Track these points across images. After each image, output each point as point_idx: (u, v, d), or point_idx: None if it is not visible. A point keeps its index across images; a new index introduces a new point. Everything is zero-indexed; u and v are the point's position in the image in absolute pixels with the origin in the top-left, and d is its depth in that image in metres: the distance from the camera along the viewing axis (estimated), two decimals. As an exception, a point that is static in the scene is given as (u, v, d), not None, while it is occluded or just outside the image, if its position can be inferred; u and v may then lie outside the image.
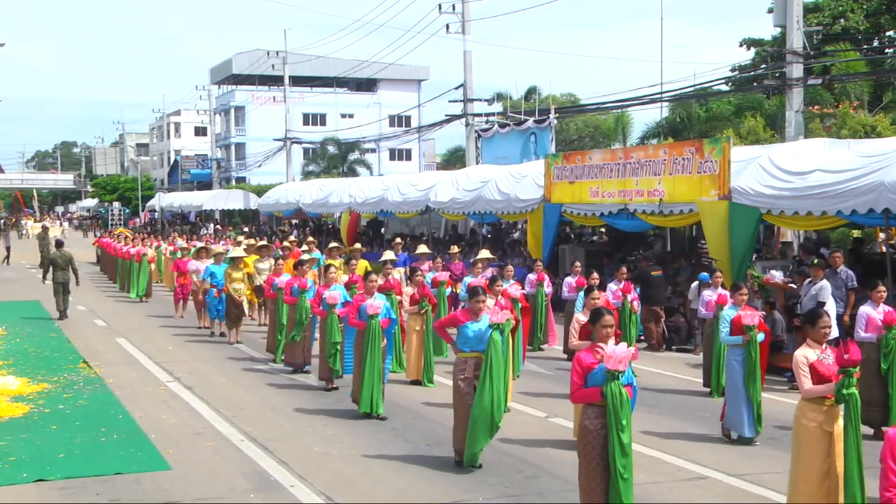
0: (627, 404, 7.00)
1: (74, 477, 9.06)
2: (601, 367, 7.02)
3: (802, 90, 22.75)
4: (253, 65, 66.77)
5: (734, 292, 11.17)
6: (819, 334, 7.60)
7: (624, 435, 6.93)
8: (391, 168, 65.88)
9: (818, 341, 7.57)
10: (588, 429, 7.08)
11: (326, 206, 35.58)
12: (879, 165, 14.27)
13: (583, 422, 7.18)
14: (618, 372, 6.93)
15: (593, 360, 7.12)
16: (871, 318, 10.85)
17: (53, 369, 14.71)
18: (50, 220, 74.46)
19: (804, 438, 7.37)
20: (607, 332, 7.29)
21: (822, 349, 7.53)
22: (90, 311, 22.98)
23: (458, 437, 9.33)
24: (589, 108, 38.56)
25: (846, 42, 34.38)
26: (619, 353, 6.97)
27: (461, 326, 9.41)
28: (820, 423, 7.30)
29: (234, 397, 12.89)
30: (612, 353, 6.97)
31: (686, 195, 17.55)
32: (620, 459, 6.92)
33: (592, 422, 7.05)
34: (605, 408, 6.97)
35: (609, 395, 6.92)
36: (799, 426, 7.43)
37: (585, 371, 7.12)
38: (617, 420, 6.91)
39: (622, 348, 7.03)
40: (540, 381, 14.06)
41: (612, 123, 42.98)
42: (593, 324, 7.44)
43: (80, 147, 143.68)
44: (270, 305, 16.19)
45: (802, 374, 7.39)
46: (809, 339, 7.62)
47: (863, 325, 10.91)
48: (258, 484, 8.91)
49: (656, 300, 17.18)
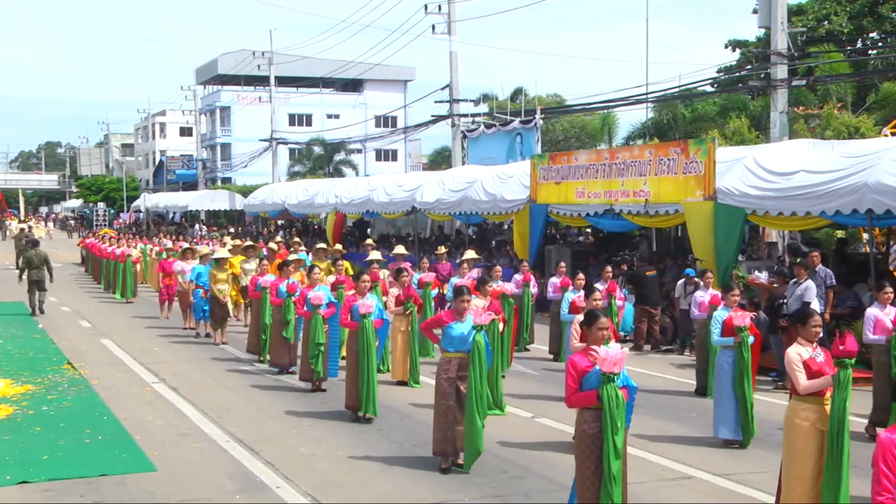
0: (623, 407, 6.93)
1: (59, 479, 9.01)
2: (596, 371, 6.95)
3: (787, 91, 22.87)
4: (238, 65, 66.68)
5: (726, 293, 11.12)
6: (810, 333, 7.61)
7: (618, 437, 6.87)
8: (377, 168, 65.85)
9: (809, 340, 7.58)
10: (586, 433, 7.01)
11: (312, 206, 35.54)
12: (863, 166, 14.36)
13: (580, 426, 7.11)
14: (613, 374, 6.87)
15: (588, 363, 7.06)
16: (880, 320, 10.63)
17: (37, 370, 14.63)
18: (35, 221, 74.08)
19: (797, 438, 7.34)
20: (602, 335, 7.24)
21: (813, 347, 7.54)
22: (75, 312, 22.87)
23: (438, 438, 9.28)
24: (575, 109, 38.63)
25: (830, 44, 34.60)
26: (613, 354, 6.90)
27: (446, 327, 9.38)
28: (813, 421, 7.28)
29: (220, 398, 12.85)
30: (607, 355, 6.91)
31: (671, 196, 17.62)
32: (614, 462, 6.86)
33: (590, 426, 6.99)
34: (601, 411, 6.92)
35: (605, 397, 6.86)
36: (791, 426, 7.41)
37: (580, 375, 7.05)
38: (612, 422, 6.85)
39: (616, 350, 6.97)
40: (526, 382, 14.08)
41: (598, 124, 43.09)
42: (588, 326, 7.38)
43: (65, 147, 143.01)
44: (254, 306, 16.15)
45: (797, 370, 7.37)
46: (801, 337, 7.63)
47: (870, 327, 10.68)
48: (244, 485, 8.89)
49: (650, 300, 17.20)
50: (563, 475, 9.01)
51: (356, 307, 11.26)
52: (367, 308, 11.16)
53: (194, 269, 18.91)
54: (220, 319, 17.72)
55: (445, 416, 9.21)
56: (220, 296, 17.59)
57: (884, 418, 10.54)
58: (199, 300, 18.38)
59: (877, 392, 10.65)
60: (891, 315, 10.65)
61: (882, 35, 38.51)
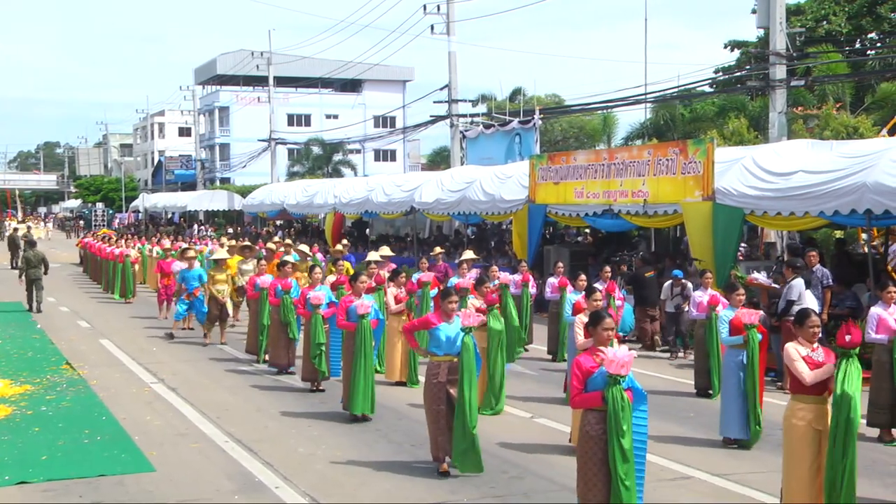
0: (629, 409, 6.86)
1: (57, 479, 9.01)
2: (601, 372, 6.89)
3: (786, 91, 22.87)
4: (237, 65, 66.65)
5: (731, 293, 11.00)
6: (808, 333, 7.59)
7: (625, 440, 6.80)
8: (376, 169, 65.82)
9: (808, 341, 7.57)
10: (589, 435, 6.94)
11: (311, 206, 35.53)
12: (862, 166, 14.36)
13: (583, 428, 7.05)
14: (619, 377, 6.81)
15: (593, 363, 7.00)
16: (883, 320, 10.57)
17: (36, 371, 14.63)
18: (35, 222, 73.98)
19: (794, 437, 7.37)
20: (608, 336, 7.21)
21: (812, 348, 7.53)
22: (74, 313, 22.87)
23: (433, 443, 9.23)
24: (573, 109, 38.64)
25: (829, 44, 34.60)
26: (620, 356, 6.82)
27: (433, 329, 9.19)
28: (809, 421, 7.30)
29: (219, 398, 12.85)
30: (614, 356, 6.84)
31: (670, 196, 17.63)
32: (622, 466, 6.78)
33: (593, 428, 6.92)
34: (605, 413, 6.84)
35: (610, 399, 6.79)
36: (789, 425, 7.43)
37: (585, 375, 6.98)
38: (618, 425, 6.78)
39: (623, 352, 6.90)
40: (525, 382, 14.07)
41: (597, 124, 43.11)
42: (594, 327, 7.34)
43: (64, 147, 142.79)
44: (252, 306, 16.12)
45: (797, 363, 7.36)
46: (800, 337, 7.62)
47: (873, 326, 10.62)
48: (243, 485, 8.89)
49: (650, 301, 17.16)
50: (562, 475, 9.02)
51: (353, 308, 11.22)
52: (364, 308, 11.13)
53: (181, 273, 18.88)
54: (217, 319, 17.72)
55: (437, 421, 9.12)
56: (218, 296, 17.59)
57: (880, 419, 10.54)
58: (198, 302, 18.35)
59: (874, 392, 10.64)
60: (895, 315, 10.61)
61: (880, 35, 38.55)
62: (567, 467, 9.38)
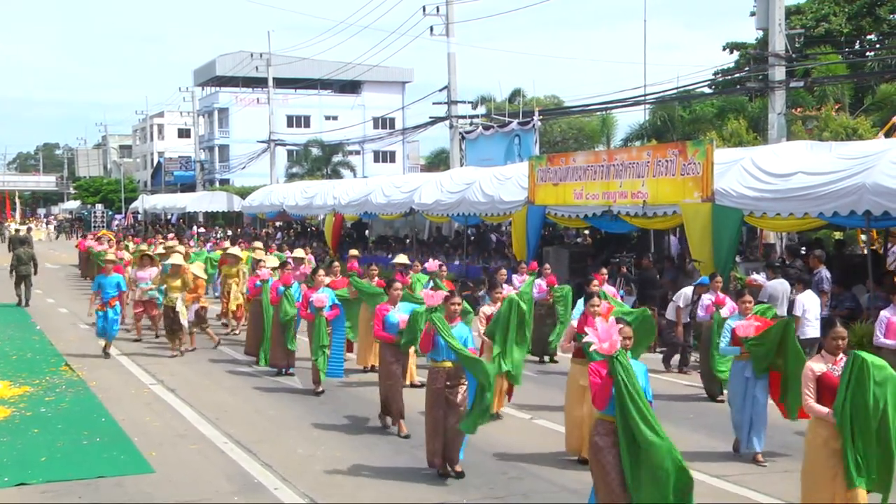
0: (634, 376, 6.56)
1: (56, 480, 9.01)
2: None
3: (785, 93, 22.89)
4: (236, 66, 66.64)
5: (737, 299, 10.57)
6: (830, 346, 7.18)
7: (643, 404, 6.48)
8: (375, 170, 65.78)
9: (832, 353, 7.18)
10: (598, 445, 6.82)
11: (310, 208, 35.52)
12: (861, 168, 14.37)
13: (592, 437, 6.96)
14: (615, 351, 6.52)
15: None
16: (892, 323, 10.43)
17: (35, 372, 14.62)
18: (35, 223, 73.90)
19: (811, 455, 7.03)
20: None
21: (835, 360, 7.11)
22: (72, 314, 22.84)
23: (429, 449, 9.19)
24: (573, 110, 38.67)
25: (828, 45, 34.64)
26: (601, 330, 6.54)
27: (435, 336, 9.01)
28: (825, 438, 6.89)
29: (218, 399, 12.85)
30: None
31: (669, 197, 17.63)
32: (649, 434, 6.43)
33: (602, 438, 6.80)
34: (614, 424, 6.65)
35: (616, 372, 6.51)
36: (807, 442, 7.12)
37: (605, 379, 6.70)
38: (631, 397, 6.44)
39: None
40: (524, 383, 14.01)
41: (596, 125, 43.14)
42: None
43: (63, 149, 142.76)
44: (253, 308, 16.04)
45: (806, 388, 7.04)
46: (824, 350, 7.28)
47: (882, 330, 10.49)
48: (242, 486, 8.89)
49: (650, 302, 17.09)
50: (561, 476, 9.04)
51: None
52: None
53: (96, 280, 17.03)
54: (174, 332, 16.33)
55: (435, 427, 9.10)
56: (171, 305, 16.26)
57: None
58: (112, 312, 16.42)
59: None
60: None
61: (880, 36, 38.58)
62: (567, 468, 9.40)
